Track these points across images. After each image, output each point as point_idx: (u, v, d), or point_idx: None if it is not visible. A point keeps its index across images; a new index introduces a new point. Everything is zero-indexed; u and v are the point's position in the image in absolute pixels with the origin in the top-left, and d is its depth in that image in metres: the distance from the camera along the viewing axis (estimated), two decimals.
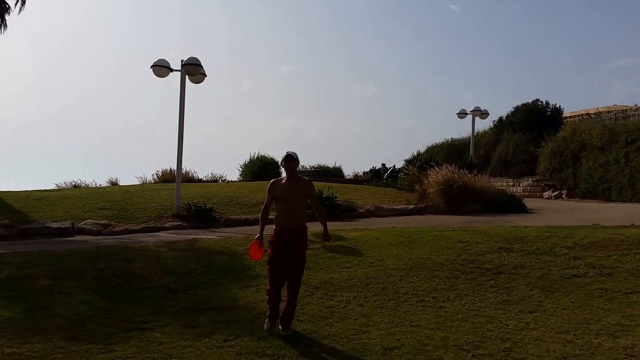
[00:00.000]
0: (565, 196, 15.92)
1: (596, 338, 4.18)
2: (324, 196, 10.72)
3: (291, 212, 4.58)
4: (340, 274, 6.08)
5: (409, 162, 15.31)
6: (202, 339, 4.31)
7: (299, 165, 4.79)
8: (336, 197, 11.20)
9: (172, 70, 10.54)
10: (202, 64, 10.42)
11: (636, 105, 18.73)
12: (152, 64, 10.49)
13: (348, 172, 25.50)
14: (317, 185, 12.97)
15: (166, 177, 17.67)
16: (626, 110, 18.54)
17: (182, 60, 10.40)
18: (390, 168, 22.47)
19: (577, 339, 4.18)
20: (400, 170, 17.51)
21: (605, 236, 6.77)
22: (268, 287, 4.62)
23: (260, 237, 4.71)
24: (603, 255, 6.11)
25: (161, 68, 10.45)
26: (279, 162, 23.28)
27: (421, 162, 14.02)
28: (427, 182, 12.48)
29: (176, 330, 4.53)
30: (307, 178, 4.90)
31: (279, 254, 4.55)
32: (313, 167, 23.99)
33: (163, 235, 8.51)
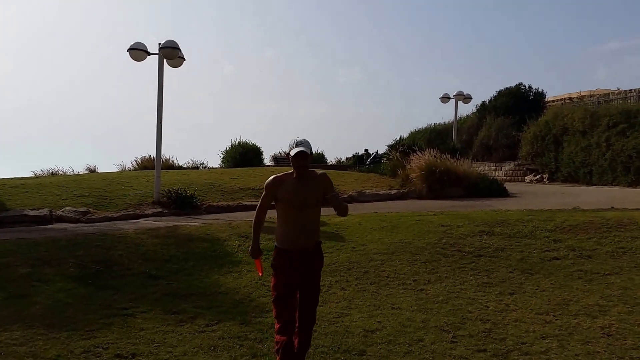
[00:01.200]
0: (547, 180, 16.12)
1: (575, 318, 4.24)
2: None
3: (305, 223, 3.15)
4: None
5: (391, 147, 15.33)
6: (184, 324, 4.30)
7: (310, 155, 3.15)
8: None
9: (149, 53, 10.28)
10: (181, 48, 10.20)
11: (619, 89, 18.91)
12: (129, 47, 10.26)
13: (331, 158, 25.49)
14: None
15: (145, 164, 17.46)
16: (609, 94, 18.72)
17: (159, 44, 10.17)
18: (373, 154, 22.52)
19: (556, 319, 4.25)
20: (383, 155, 17.56)
21: (585, 219, 6.87)
22: (278, 326, 3.10)
23: (258, 252, 3.41)
24: (583, 237, 6.20)
25: (138, 51, 10.17)
26: (273, 155, 23.12)
27: (404, 148, 14.05)
28: (409, 167, 12.52)
29: (158, 316, 4.50)
30: (320, 172, 3.33)
31: (289, 282, 3.15)
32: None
33: (143, 223, 8.42)
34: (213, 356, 3.71)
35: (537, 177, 16.52)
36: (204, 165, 19.57)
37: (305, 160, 3.08)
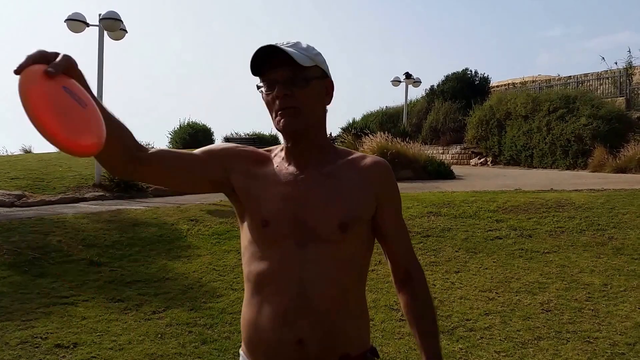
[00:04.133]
0: (491, 163, 16.70)
1: (516, 295, 4.42)
2: None
3: (312, 289, 1.13)
4: None
5: (344, 130, 15.43)
6: (129, 312, 4.17)
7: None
8: None
9: (88, 25, 9.66)
10: (123, 19, 9.68)
11: (559, 75, 19.74)
12: (66, 17, 9.66)
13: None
14: None
15: None
16: (550, 80, 19.51)
17: (99, 14, 9.57)
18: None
19: (498, 296, 4.41)
20: (336, 138, 17.59)
21: (526, 200, 7.14)
22: None
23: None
24: (524, 218, 6.45)
25: (76, 22, 9.52)
26: (225, 137, 21.69)
27: (356, 130, 14.18)
28: (362, 149, 12.64)
29: (100, 304, 4.34)
30: (374, 158, 1.26)
31: None
32: (248, 134, 23.65)
33: (84, 207, 8.09)
34: (160, 344, 3.62)
35: (482, 160, 17.08)
36: (151, 146, 19.05)
37: (297, 90, 1.14)
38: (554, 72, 23.01)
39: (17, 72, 0.90)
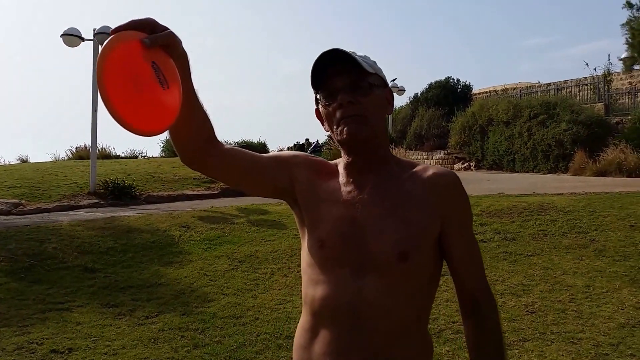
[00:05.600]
0: (474, 168, 16.96)
1: (501, 297, 4.55)
2: None
3: (359, 324, 1.05)
4: (265, 247, 6.14)
5: (332, 137, 15.56)
6: (123, 317, 4.23)
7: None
8: None
9: (83, 39, 9.93)
10: None
11: (539, 82, 20.17)
12: (62, 32, 9.83)
13: (273, 147, 25.48)
14: None
15: (81, 154, 16.84)
16: (531, 87, 19.93)
17: (94, 29, 9.82)
18: (314, 143, 22.69)
19: None
20: (323, 144, 17.75)
21: (509, 204, 7.31)
22: None
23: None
24: (507, 221, 6.61)
25: (72, 37, 9.80)
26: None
27: None
28: None
29: (95, 309, 4.39)
30: (439, 170, 1.14)
31: None
32: (237, 142, 23.69)
33: (78, 214, 8.12)
34: (153, 348, 3.67)
35: (465, 165, 17.34)
36: (143, 155, 19.05)
37: (362, 100, 1.08)
38: (535, 79, 23.47)
39: (114, 31, 0.86)
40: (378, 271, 1.05)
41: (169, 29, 0.92)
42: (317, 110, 1.15)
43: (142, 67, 0.86)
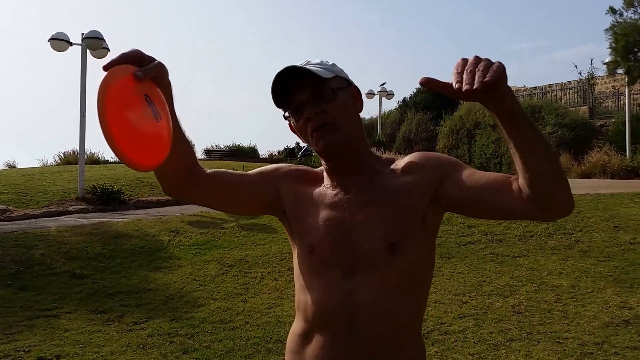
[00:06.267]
0: None
1: (488, 298, 4.60)
2: None
3: (354, 326, 1.05)
4: (255, 251, 6.15)
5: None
6: (112, 324, 4.21)
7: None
8: None
9: (71, 44, 9.86)
10: (105, 38, 9.83)
11: (525, 86, 20.42)
12: (50, 37, 9.77)
13: (263, 152, 25.49)
14: (232, 165, 12.87)
15: (69, 159, 16.72)
16: (517, 90, 20.15)
17: (82, 34, 9.75)
18: (304, 147, 22.73)
19: (471, 299, 4.59)
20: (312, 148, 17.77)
21: None
22: None
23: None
24: (494, 223, 6.68)
25: (60, 42, 9.73)
26: (205, 149, 22.17)
27: None
28: None
29: (83, 316, 4.37)
30: (411, 155, 1.18)
31: None
32: (228, 146, 23.68)
33: (66, 220, 8.06)
34: (142, 354, 3.66)
35: None
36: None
37: (323, 104, 1.08)
38: (521, 83, 23.77)
39: (106, 67, 0.86)
40: (369, 268, 1.04)
41: (155, 59, 0.93)
42: (290, 125, 1.15)
43: (138, 101, 0.87)
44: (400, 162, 1.14)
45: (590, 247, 5.69)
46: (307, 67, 1.06)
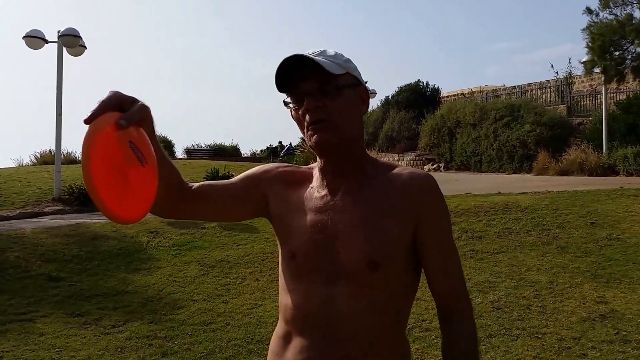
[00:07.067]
0: (443, 168, 17.25)
1: (469, 294, 4.64)
2: (220, 175, 10.59)
3: (331, 333, 1.04)
4: (236, 251, 6.10)
5: (304, 140, 15.60)
6: (89, 327, 4.13)
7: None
8: (233, 175, 11.11)
9: (47, 41, 9.63)
10: (82, 35, 9.62)
11: (504, 85, 20.71)
12: (24, 34, 9.52)
13: (245, 151, 25.36)
14: (213, 164, 12.73)
15: (45, 159, 16.44)
16: (496, 90, 20.43)
17: (58, 31, 9.53)
18: (286, 146, 22.72)
19: None
20: (296, 147, 17.76)
21: (476, 203, 7.46)
22: None
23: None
24: (474, 220, 6.74)
25: (35, 39, 9.48)
26: (186, 148, 22.08)
27: None
28: None
29: (59, 319, 4.28)
30: (413, 173, 1.08)
31: None
32: (209, 145, 23.48)
33: (43, 221, 7.89)
34: (120, 358, 3.60)
35: (435, 166, 17.63)
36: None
37: (323, 98, 1.04)
38: (500, 83, 24.11)
39: (87, 121, 0.81)
40: (348, 280, 1.03)
41: (135, 98, 0.88)
42: (291, 111, 1.11)
43: (123, 152, 0.84)
44: (398, 175, 1.09)
45: (568, 243, 5.77)
46: (318, 59, 1.01)
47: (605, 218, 6.44)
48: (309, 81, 1.03)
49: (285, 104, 1.09)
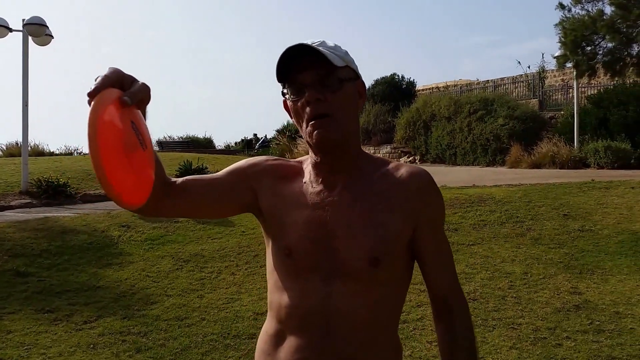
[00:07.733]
0: (419, 161, 17.39)
1: None
2: (193, 167, 10.43)
3: (329, 331, 1.02)
4: (211, 245, 6.01)
5: (280, 132, 15.53)
6: (59, 323, 4.01)
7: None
8: (207, 168, 10.96)
9: (11, 30, 9.28)
10: (48, 24, 9.32)
11: (478, 79, 20.95)
12: None
13: (219, 143, 25.11)
14: (186, 156, 12.55)
15: (12, 151, 16.01)
16: (470, 84, 20.66)
17: (23, 20, 9.20)
18: (261, 138, 22.57)
19: None
20: (271, 140, 17.65)
21: (451, 196, 7.52)
22: None
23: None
24: (450, 212, 6.79)
25: None
26: (157, 140, 21.64)
27: (291, 133, 14.30)
28: (297, 151, 12.78)
29: (28, 316, 4.14)
30: (411, 169, 1.10)
31: None
32: (181, 137, 23.15)
33: (9, 215, 7.64)
34: (93, 354, 3.52)
35: (411, 158, 17.75)
36: (79, 151, 18.30)
37: (327, 93, 1.01)
38: (474, 77, 24.45)
39: (90, 94, 0.77)
40: (348, 277, 1.01)
41: (136, 78, 0.85)
42: (284, 102, 1.07)
43: (126, 131, 0.79)
44: (394, 171, 1.08)
45: (542, 234, 5.86)
46: (322, 49, 0.98)
47: (577, 210, 6.57)
48: (311, 72, 0.99)
49: (283, 94, 1.06)
